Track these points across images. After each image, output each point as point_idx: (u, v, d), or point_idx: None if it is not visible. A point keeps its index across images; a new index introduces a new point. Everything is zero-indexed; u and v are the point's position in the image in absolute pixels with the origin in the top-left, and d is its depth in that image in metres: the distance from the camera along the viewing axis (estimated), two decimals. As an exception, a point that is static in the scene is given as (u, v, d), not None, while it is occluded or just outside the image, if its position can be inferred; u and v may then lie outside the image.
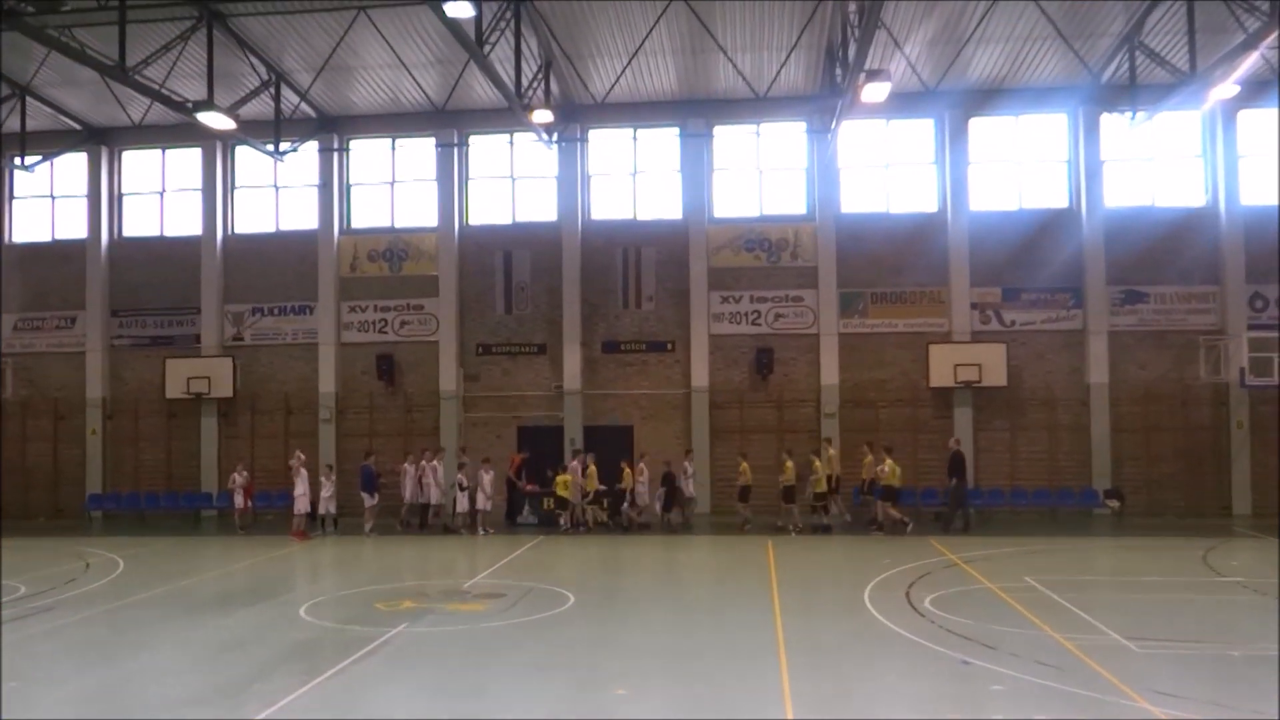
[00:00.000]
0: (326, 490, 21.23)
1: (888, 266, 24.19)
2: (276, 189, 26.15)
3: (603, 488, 21.32)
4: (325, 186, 25.69)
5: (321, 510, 21.04)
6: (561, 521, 20.94)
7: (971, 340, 23.73)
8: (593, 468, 21.37)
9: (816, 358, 24.44)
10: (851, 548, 18.79)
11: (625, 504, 20.98)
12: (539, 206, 25.53)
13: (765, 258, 24.64)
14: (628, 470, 21.36)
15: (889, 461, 20.36)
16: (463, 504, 21.63)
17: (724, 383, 24.77)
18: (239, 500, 21.85)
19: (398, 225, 25.90)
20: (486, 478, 21.37)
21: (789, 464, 20.67)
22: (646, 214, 25.16)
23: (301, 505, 20.62)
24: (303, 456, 21.38)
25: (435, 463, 21.99)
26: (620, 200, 25.25)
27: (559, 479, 21.43)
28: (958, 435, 22.16)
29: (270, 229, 26.12)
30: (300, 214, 26.06)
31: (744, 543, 19.46)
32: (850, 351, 24.36)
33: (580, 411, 24.87)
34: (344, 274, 25.82)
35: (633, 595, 13.86)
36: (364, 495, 21.51)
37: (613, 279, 25.06)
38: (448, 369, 25.29)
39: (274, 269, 25.89)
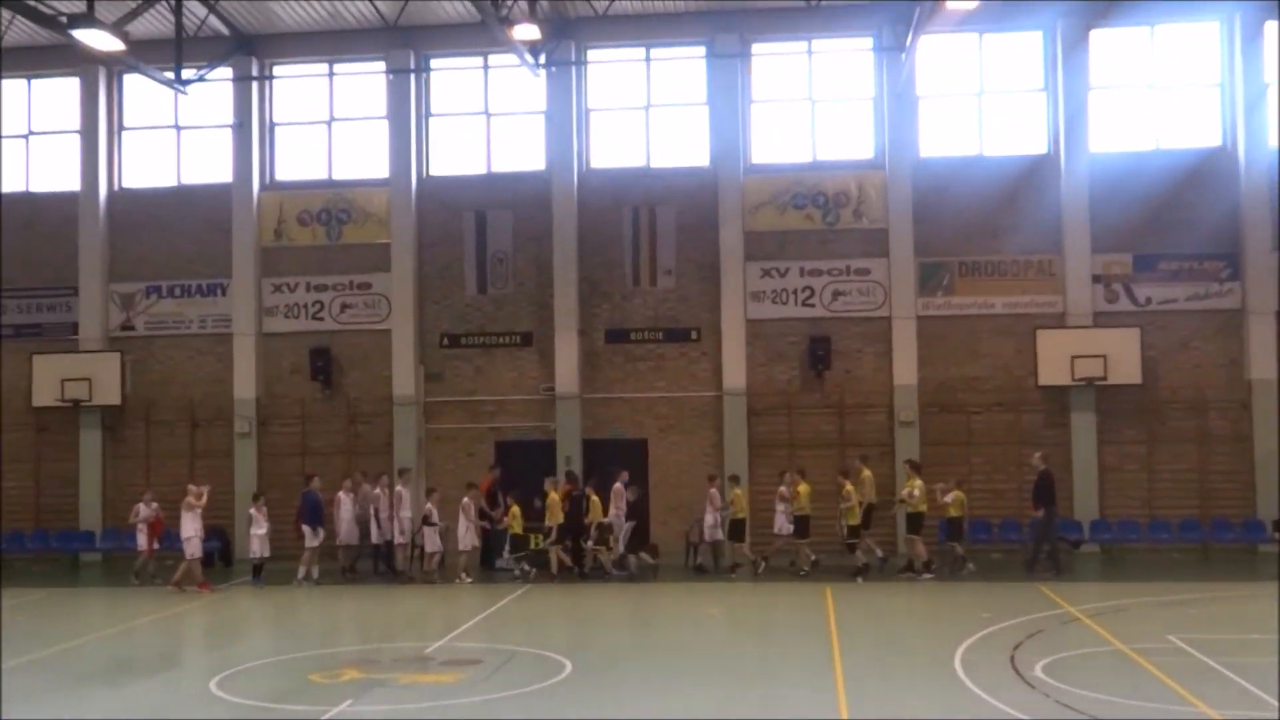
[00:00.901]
0: (259, 527, 21.38)
1: (982, 228, 24.38)
2: (178, 130, 26.49)
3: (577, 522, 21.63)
4: (242, 127, 25.82)
5: (254, 553, 21.31)
6: (516, 568, 21.40)
7: (1094, 324, 23.82)
8: (594, 497, 21.66)
9: (889, 349, 24.61)
10: (936, 596, 18.92)
11: (590, 541, 21.19)
12: (522, 153, 25.70)
13: (820, 218, 24.88)
14: (594, 498, 21.42)
15: (918, 483, 20.87)
16: (432, 543, 21.78)
17: (767, 383, 25.04)
18: (143, 541, 21.73)
19: (337, 178, 26.19)
20: (471, 509, 21.74)
21: (801, 487, 21.22)
22: (663, 161, 25.39)
23: (193, 549, 20.82)
24: (198, 490, 21.27)
25: (400, 487, 22.21)
26: (629, 144, 25.44)
27: (514, 509, 21.80)
28: (1044, 451, 22.18)
29: (170, 183, 26.35)
30: (210, 164, 26.26)
31: (791, 591, 19.72)
32: (933, 340, 24.57)
33: (578, 421, 25.16)
34: (267, 242, 26.11)
35: (647, 661, 13.86)
36: (305, 530, 21.62)
37: (619, 247, 25.32)
38: (403, 367, 25.60)
39: (175, 236, 26.11)
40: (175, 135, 26.25)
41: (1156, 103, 23.74)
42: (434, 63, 25.56)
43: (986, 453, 24.11)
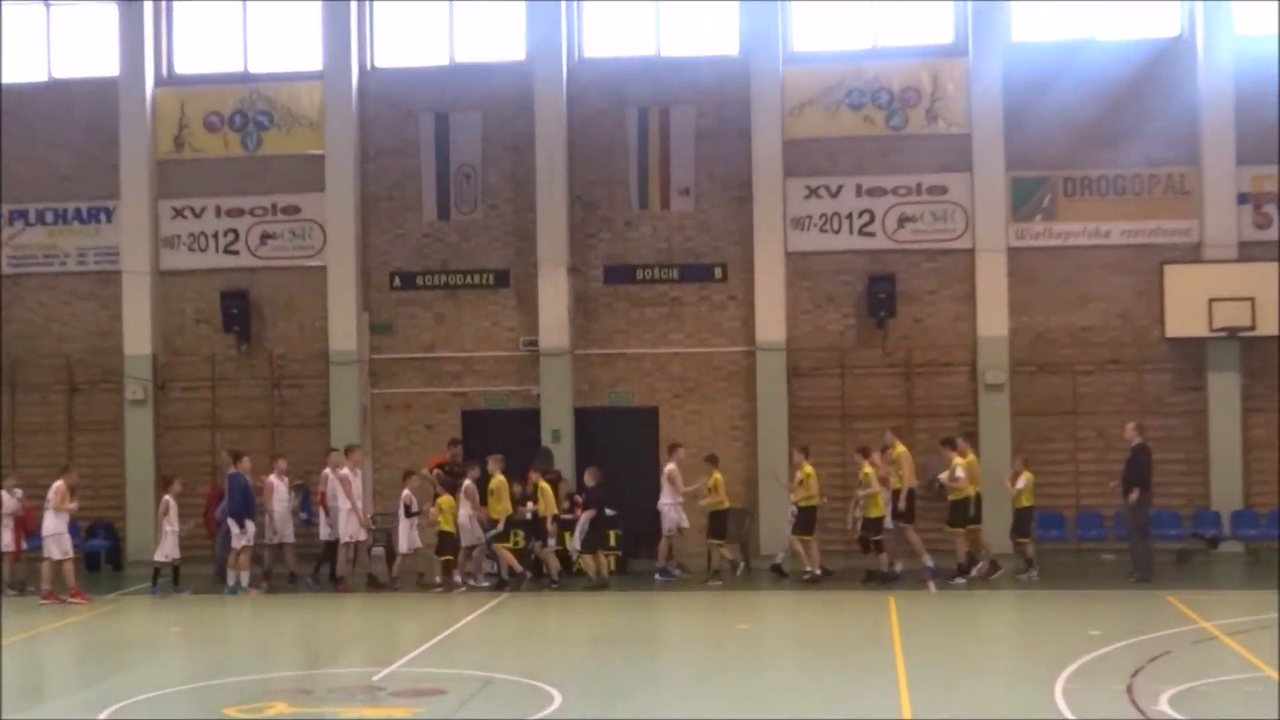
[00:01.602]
0: (170, 524, 21.63)
1: (1093, 134, 24.21)
2: (48, 7, 26.04)
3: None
4: (131, 3, 25.55)
5: (161, 556, 21.48)
6: (457, 578, 21.39)
7: (1239, 258, 23.70)
8: (543, 484, 21.65)
9: (970, 290, 24.69)
10: (1029, 608, 18.66)
11: (538, 542, 21.66)
12: (495, 37, 25.51)
13: (882, 121, 24.82)
14: (544, 486, 21.79)
15: (964, 460, 21.31)
16: (407, 541, 21.90)
17: (813, 335, 25.18)
18: (7, 539, 21.80)
19: (255, 70, 26.07)
20: (467, 500, 21.87)
21: (807, 468, 21.76)
22: (679, 49, 25.25)
23: (56, 549, 20.89)
24: (63, 489, 21.23)
25: (346, 470, 22.35)
26: (634, 26, 25.27)
27: (442, 501, 21.63)
28: (1136, 423, 21.99)
29: (39, 77, 26.14)
30: (90, 52, 25.97)
31: (848, 601, 19.84)
32: (1028, 280, 24.58)
33: (568, 385, 25.28)
34: (164, 154, 26.07)
35: (656, 689, 13.98)
36: (231, 526, 21.73)
37: (621, 160, 25.28)
38: (342, 315, 25.67)
39: (45, 146, 25.98)
40: (45, 14, 26.03)
41: (1322, -33, 24.09)
42: (380, -81, 26.05)
43: (1097, 424, 24.08)
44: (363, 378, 25.61)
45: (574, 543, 21.82)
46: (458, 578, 21.39)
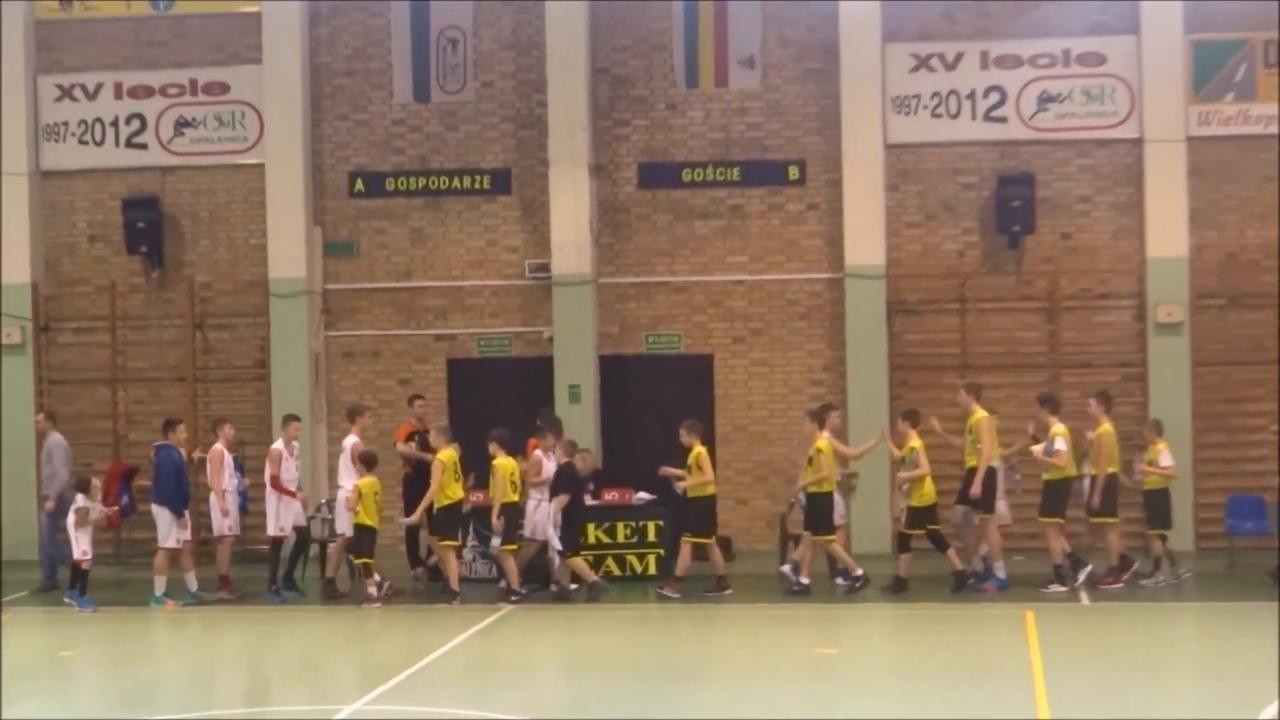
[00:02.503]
0: (78, 512, 21.51)
1: (1305, -23, 24.06)
2: None
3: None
4: None
5: (79, 553, 21.48)
6: (370, 590, 21.48)
7: None
8: (501, 461, 21.31)
9: (1137, 196, 24.73)
10: (1210, 623, 18.77)
11: (497, 540, 21.56)
12: None
13: (1013, -36, 25.32)
14: (499, 462, 21.43)
15: (1062, 429, 21.24)
16: (554, 540, 21.53)
17: (923, 257, 25.41)
18: None
19: (165, -112, 26.79)
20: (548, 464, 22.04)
21: (914, 441, 21.59)
22: None
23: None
24: None
25: (279, 445, 22.42)
26: None
27: (361, 483, 21.57)
28: None
29: None
30: None
31: (965, 617, 20.03)
32: (1217, 181, 24.56)
33: (591, 325, 25.62)
34: (45, 13, 26.21)
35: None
36: (160, 515, 21.89)
37: (663, 21, 25.44)
38: (286, 230, 25.97)
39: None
40: None
41: None
42: None
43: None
44: (314, 315, 25.90)
45: (551, 541, 21.58)
46: (372, 589, 21.39)
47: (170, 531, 21.72)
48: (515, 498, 21.41)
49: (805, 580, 21.43)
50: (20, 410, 25.94)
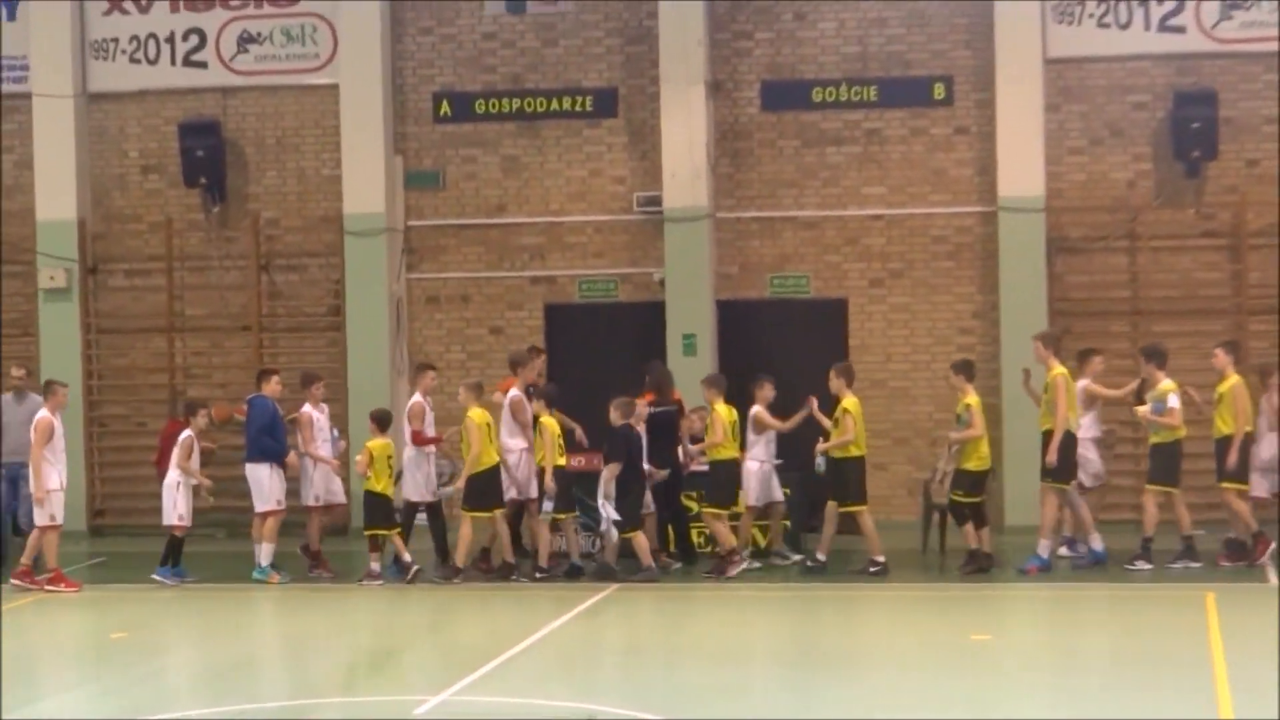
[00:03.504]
0: (192, 471, 22.47)
1: None
2: None
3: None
4: None
5: (175, 518, 22.40)
6: (373, 566, 22.23)
7: None
8: (548, 420, 22.17)
9: (1338, 116, 24.80)
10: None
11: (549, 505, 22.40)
12: None
13: None
14: (546, 419, 22.25)
15: (1232, 381, 21.74)
16: (610, 513, 22.06)
17: (1088, 186, 25.95)
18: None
19: None
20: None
21: (848, 401, 22.09)
22: None
23: (45, 513, 21.78)
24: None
25: (420, 396, 22.91)
26: None
27: (373, 445, 22.24)
28: None
29: None
30: None
31: (1130, 599, 20.74)
32: None
33: (708, 265, 26.36)
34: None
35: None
36: (256, 475, 22.63)
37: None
38: (363, 159, 26.83)
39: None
40: None
41: None
42: None
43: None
44: (395, 256, 26.86)
45: (605, 514, 21.99)
46: (374, 565, 22.05)
47: (271, 492, 22.54)
48: (563, 461, 22.18)
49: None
50: (64, 360, 26.63)
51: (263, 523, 22.52)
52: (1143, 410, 21.96)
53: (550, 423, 22.17)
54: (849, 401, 21.97)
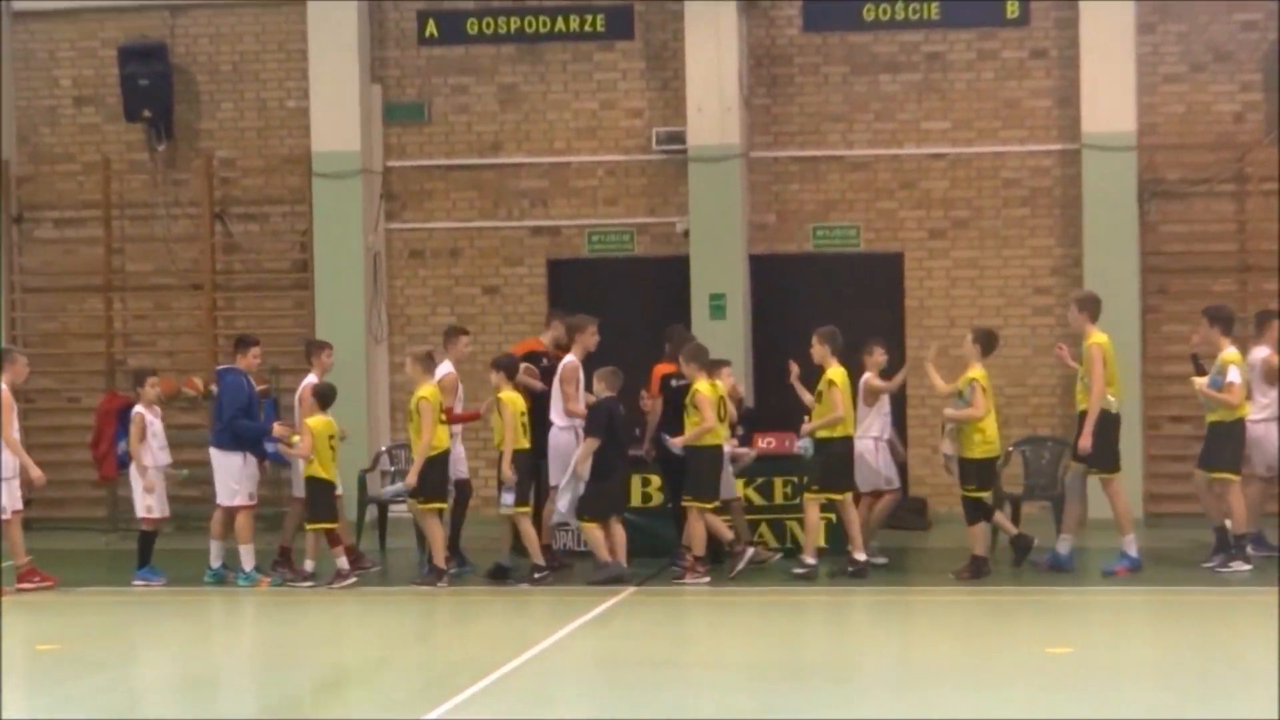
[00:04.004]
0: (150, 455, 22.07)
1: None
2: None
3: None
4: None
5: (145, 510, 21.99)
6: (341, 563, 21.80)
7: None
8: (508, 395, 21.67)
9: None
10: None
11: (509, 497, 21.88)
12: None
13: None
14: (505, 394, 21.80)
15: (1235, 357, 21.15)
16: (562, 506, 22.05)
17: (1188, 120, 25.59)
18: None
19: None
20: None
21: (833, 371, 21.69)
22: None
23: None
24: None
25: (451, 366, 22.54)
26: None
27: (313, 423, 21.73)
28: None
29: None
30: None
31: (1229, 605, 20.28)
32: None
33: (739, 213, 25.94)
34: None
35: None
36: (223, 462, 22.11)
37: None
38: (334, 87, 26.43)
39: None
40: None
41: None
42: None
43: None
44: (372, 202, 26.47)
45: (558, 504, 21.96)
46: (342, 562, 21.56)
47: (244, 484, 21.95)
48: (527, 444, 21.71)
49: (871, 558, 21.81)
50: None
51: (228, 519, 21.95)
52: (1200, 383, 21.46)
53: (513, 399, 21.67)
54: (834, 372, 21.47)
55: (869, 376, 22.10)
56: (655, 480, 23.05)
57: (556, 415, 22.05)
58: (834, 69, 25.95)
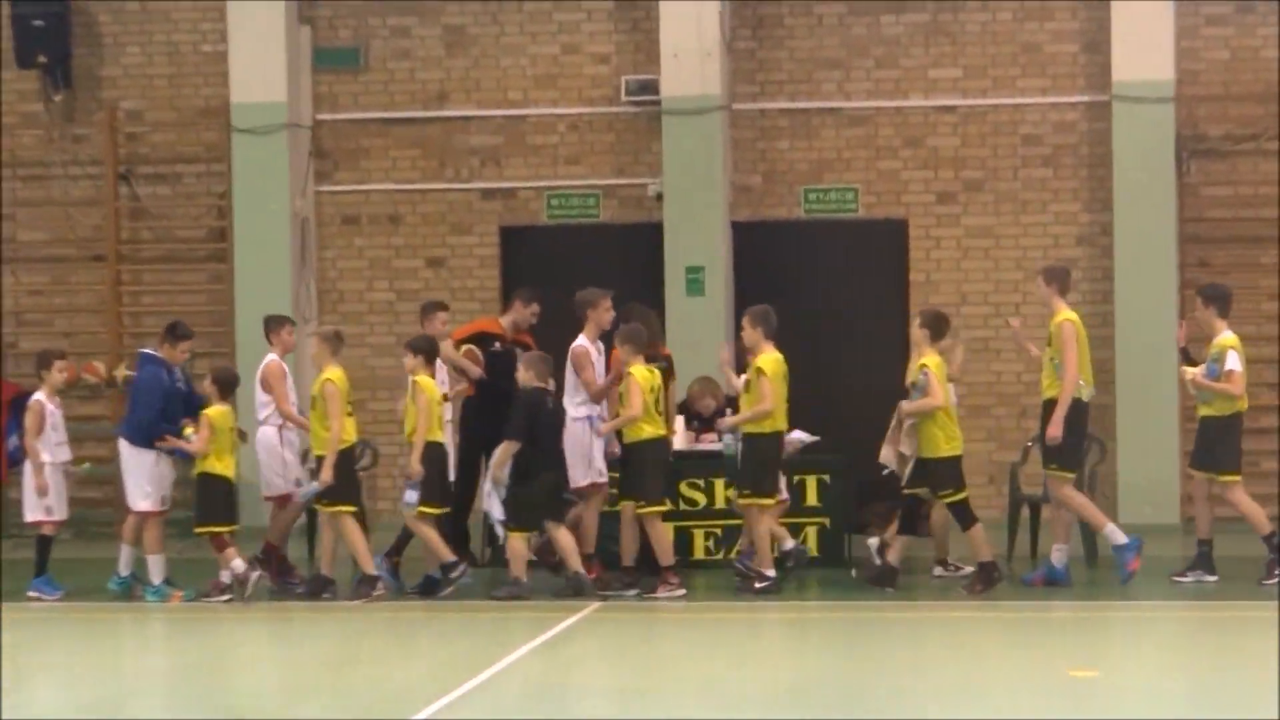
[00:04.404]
0: (47, 449, 21.84)
1: None
2: None
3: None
4: None
5: (42, 513, 21.74)
6: (223, 575, 21.59)
7: None
8: (423, 380, 21.54)
9: None
10: None
11: (412, 495, 21.70)
12: None
13: None
14: (420, 379, 21.73)
15: (1234, 341, 21.21)
16: (493, 509, 22.02)
17: (1230, 67, 25.51)
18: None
19: None
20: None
21: (764, 360, 21.49)
22: None
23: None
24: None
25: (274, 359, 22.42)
26: None
27: (212, 414, 21.52)
28: None
29: None
30: None
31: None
32: None
33: (720, 173, 25.65)
34: None
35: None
36: (133, 460, 21.79)
37: None
38: (257, 31, 26.10)
39: None
40: None
41: None
42: None
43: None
44: (300, 161, 26.13)
45: (491, 513, 21.75)
46: (225, 575, 21.32)
47: (158, 486, 21.58)
48: (441, 436, 21.52)
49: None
50: None
51: (141, 525, 21.62)
52: (1194, 372, 21.31)
53: (428, 385, 21.38)
54: (766, 359, 21.19)
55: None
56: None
57: (570, 406, 21.93)
58: (829, 8, 25.74)
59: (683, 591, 21.28)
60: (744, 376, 21.48)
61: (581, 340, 21.87)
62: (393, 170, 26.44)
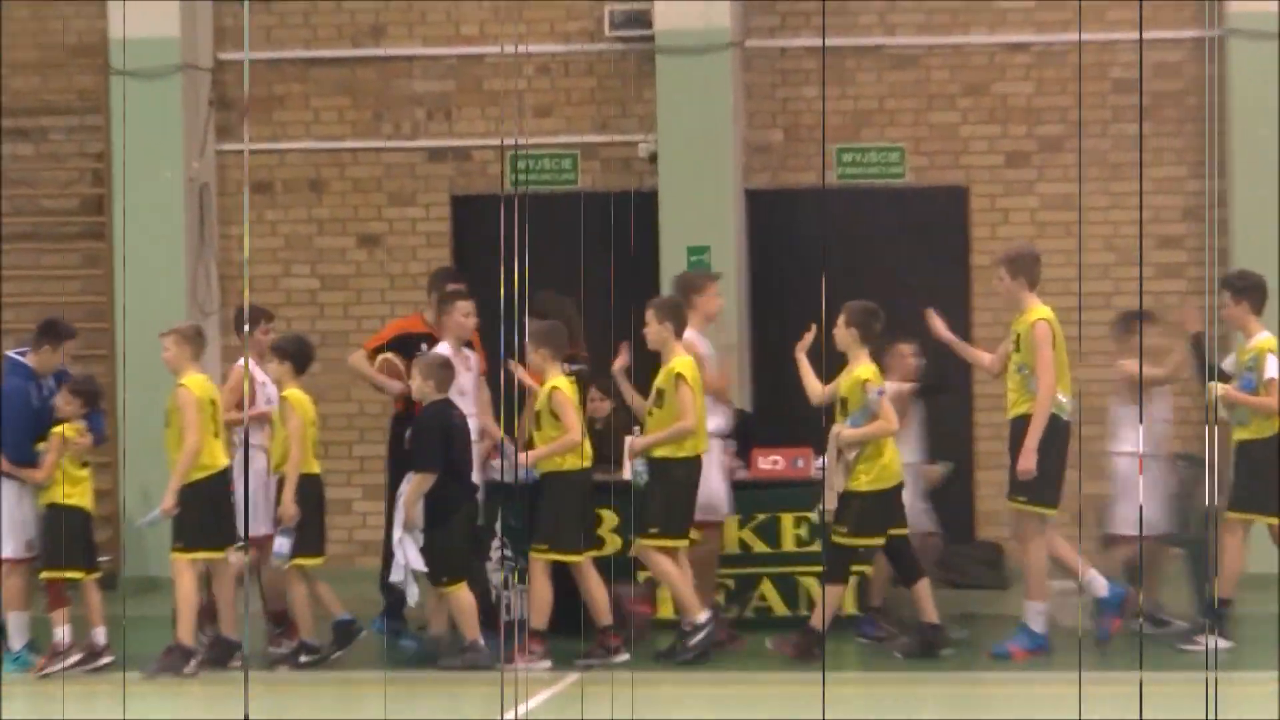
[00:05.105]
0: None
1: None
2: None
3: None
4: None
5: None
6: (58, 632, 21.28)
7: None
8: (295, 394, 21.57)
9: None
10: None
11: (285, 541, 21.47)
12: None
13: None
14: (292, 393, 21.74)
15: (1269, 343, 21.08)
16: (412, 557, 21.59)
17: None
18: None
19: None
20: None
21: (863, 363, 21.03)
22: None
23: None
24: None
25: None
26: None
27: (67, 430, 21.44)
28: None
29: None
30: None
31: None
32: None
33: (728, 127, 25.15)
34: None
35: None
36: (6, 496, 21.67)
37: None
38: None
39: None
40: None
41: None
42: None
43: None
44: (197, 112, 25.49)
45: (403, 556, 21.17)
46: (59, 631, 20.86)
47: (20, 526, 21.26)
48: (317, 467, 21.23)
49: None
50: None
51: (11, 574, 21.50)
52: (1226, 388, 20.81)
53: (301, 401, 21.10)
54: (680, 362, 20.51)
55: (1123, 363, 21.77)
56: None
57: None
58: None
59: (548, 664, 20.61)
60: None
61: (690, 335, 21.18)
62: (314, 124, 25.99)
